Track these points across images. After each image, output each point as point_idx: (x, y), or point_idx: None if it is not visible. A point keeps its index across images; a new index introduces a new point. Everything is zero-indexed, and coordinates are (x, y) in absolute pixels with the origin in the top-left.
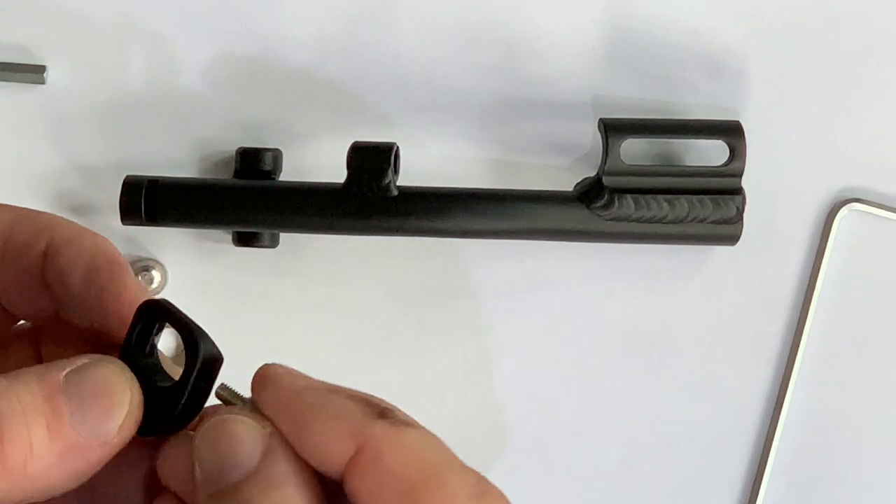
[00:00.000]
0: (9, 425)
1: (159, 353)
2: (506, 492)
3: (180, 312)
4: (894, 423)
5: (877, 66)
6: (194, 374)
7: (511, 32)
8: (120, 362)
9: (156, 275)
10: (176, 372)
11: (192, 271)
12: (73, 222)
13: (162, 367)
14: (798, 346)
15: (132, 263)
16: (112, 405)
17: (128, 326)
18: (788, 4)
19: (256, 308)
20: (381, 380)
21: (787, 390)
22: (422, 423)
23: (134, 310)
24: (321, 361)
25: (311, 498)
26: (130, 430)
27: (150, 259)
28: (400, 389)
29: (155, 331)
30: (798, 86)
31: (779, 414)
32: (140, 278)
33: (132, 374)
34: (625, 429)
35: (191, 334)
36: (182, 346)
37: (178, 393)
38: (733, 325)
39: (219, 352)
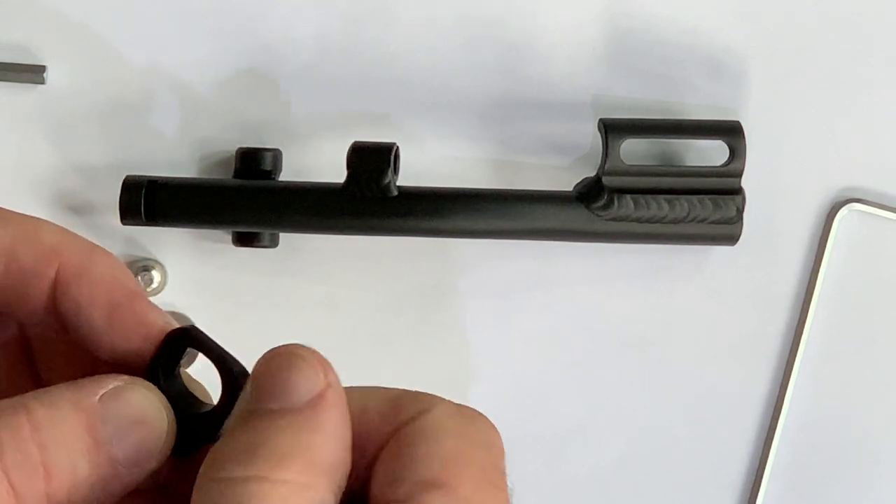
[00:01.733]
0: (54, 459)
1: (181, 372)
2: None
3: (210, 339)
4: (894, 423)
5: (877, 66)
6: (228, 405)
7: (511, 32)
8: (153, 387)
9: (156, 275)
10: (197, 389)
11: (192, 271)
12: (78, 237)
13: (188, 391)
14: (798, 346)
15: (132, 263)
16: (150, 433)
17: (150, 355)
18: (788, 4)
19: (256, 308)
20: (381, 380)
21: (787, 390)
22: None
23: (156, 341)
24: None
25: (342, 454)
26: (166, 454)
27: (150, 259)
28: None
29: (181, 356)
30: (798, 86)
31: (779, 414)
32: (140, 278)
33: (166, 400)
34: (624, 429)
35: (224, 362)
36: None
37: (215, 418)
38: (733, 325)
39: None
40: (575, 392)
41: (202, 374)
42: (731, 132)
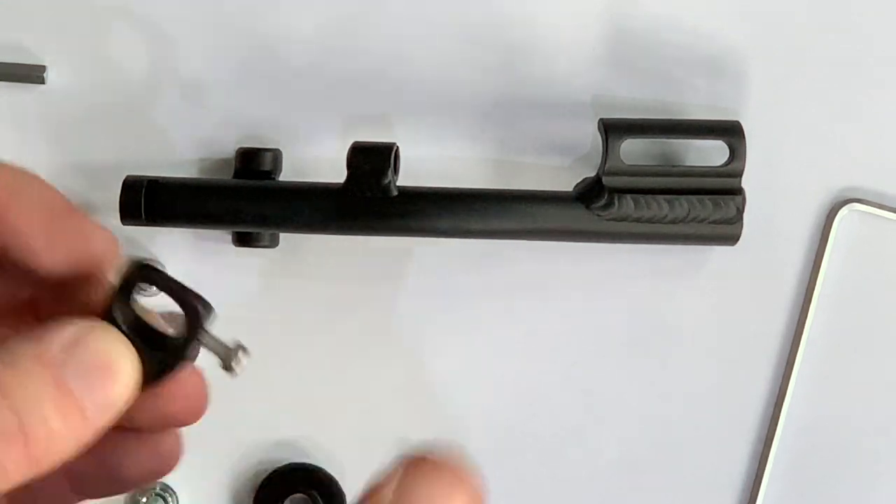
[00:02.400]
0: (30, 423)
1: (137, 303)
2: (506, 491)
3: (165, 272)
4: (894, 424)
5: (877, 67)
6: (192, 332)
7: (511, 32)
8: (111, 328)
9: None
10: (155, 322)
11: (192, 271)
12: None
13: (146, 323)
14: (798, 346)
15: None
16: (115, 377)
17: (97, 271)
18: (788, 4)
19: (256, 308)
20: (381, 380)
21: (787, 390)
22: (422, 422)
23: (104, 254)
24: (321, 361)
25: None
26: (132, 394)
27: (151, 259)
28: (400, 389)
29: (138, 288)
30: (798, 86)
31: (779, 414)
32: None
33: (126, 340)
34: (625, 429)
35: (182, 293)
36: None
37: (178, 347)
38: (733, 325)
39: (210, 306)
40: (575, 392)
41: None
42: (731, 132)
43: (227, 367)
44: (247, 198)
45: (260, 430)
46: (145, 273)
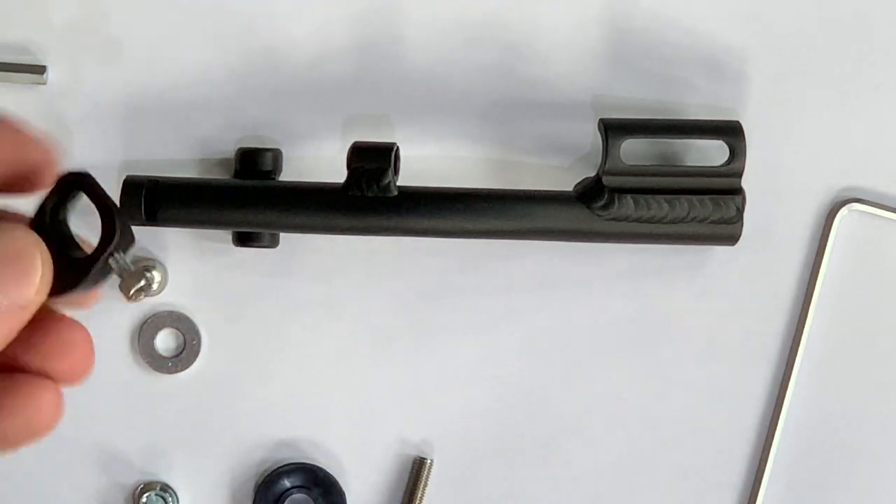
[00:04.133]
0: None
1: (67, 219)
2: (506, 491)
3: (101, 188)
4: (894, 423)
5: (877, 67)
6: (110, 249)
7: (511, 32)
8: (23, 227)
9: (156, 275)
10: (78, 240)
11: (192, 271)
12: None
13: (73, 236)
14: (798, 346)
15: (132, 263)
16: (26, 269)
17: (36, 180)
18: (788, 4)
19: (256, 308)
20: (381, 380)
21: (787, 390)
22: (422, 422)
23: (42, 164)
24: (321, 362)
25: None
26: (45, 293)
27: (150, 259)
28: (400, 389)
29: (70, 200)
30: (798, 86)
31: (779, 414)
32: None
33: (38, 238)
34: (624, 429)
35: (108, 212)
36: (184, 342)
37: (85, 264)
38: (733, 325)
39: (131, 234)
40: (575, 392)
41: None
42: (731, 132)
43: (123, 291)
44: (247, 198)
45: (260, 429)
46: (83, 183)
